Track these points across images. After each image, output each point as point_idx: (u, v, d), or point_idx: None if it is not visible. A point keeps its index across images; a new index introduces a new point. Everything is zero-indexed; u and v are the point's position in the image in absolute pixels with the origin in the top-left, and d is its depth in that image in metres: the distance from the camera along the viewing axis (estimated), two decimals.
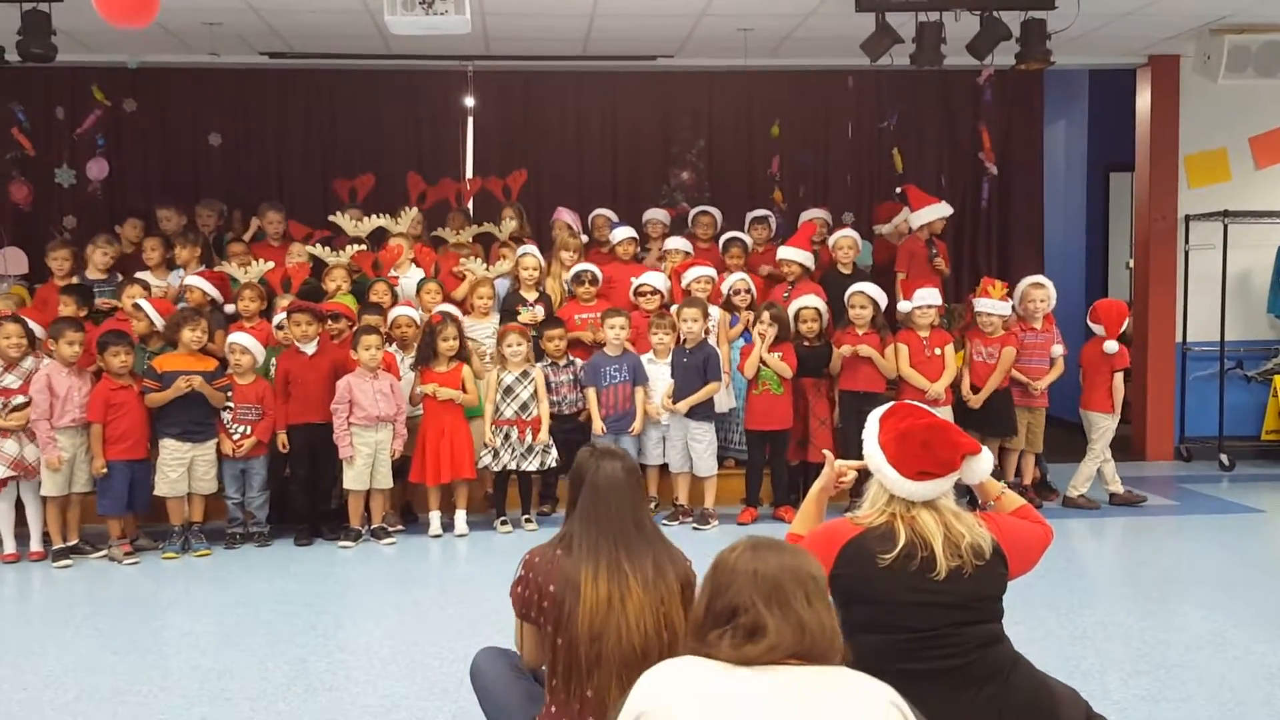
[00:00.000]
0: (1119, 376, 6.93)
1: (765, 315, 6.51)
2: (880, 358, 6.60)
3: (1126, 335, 7.38)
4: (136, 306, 6.33)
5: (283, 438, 6.18)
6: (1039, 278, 7.16)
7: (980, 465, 2.67)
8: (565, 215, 8.04)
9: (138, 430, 5.90)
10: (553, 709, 2.66)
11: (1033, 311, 6.99)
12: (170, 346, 6.12)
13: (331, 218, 7.48)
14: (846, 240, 7.45)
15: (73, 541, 5.90)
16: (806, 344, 6.67)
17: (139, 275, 6.97)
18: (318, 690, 3.91)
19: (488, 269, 7.22)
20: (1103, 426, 6.97)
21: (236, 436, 6.06)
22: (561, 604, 2.61)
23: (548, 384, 6.57)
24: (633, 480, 2.78)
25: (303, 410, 6.19)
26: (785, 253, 7.19)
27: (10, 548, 5.84)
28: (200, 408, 5.96)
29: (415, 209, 7.75)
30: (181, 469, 5.92)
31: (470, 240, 7.73)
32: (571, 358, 6.73)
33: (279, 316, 6.51)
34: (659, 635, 2.59)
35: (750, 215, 8.08)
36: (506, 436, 6.36)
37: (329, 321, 6.42)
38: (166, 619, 4.88)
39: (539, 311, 6.97)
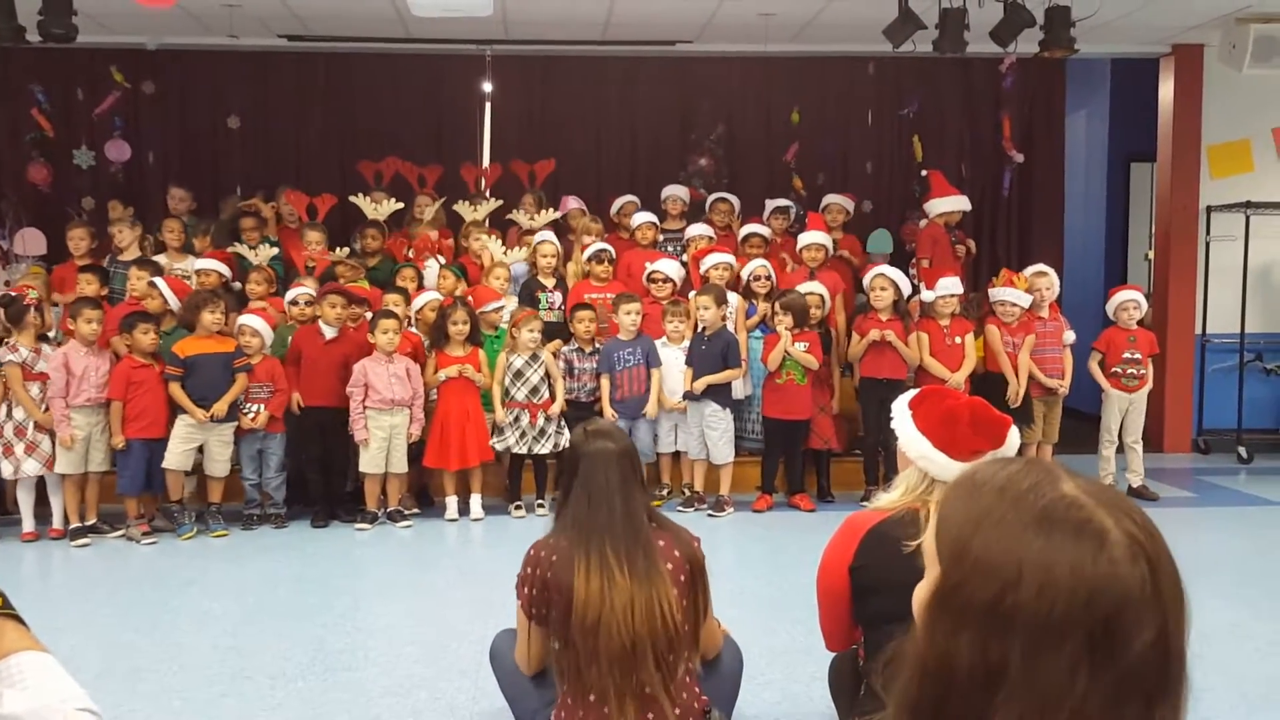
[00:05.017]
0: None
1: (785, 315, 6.43)
2: (904, 346, 6.58)
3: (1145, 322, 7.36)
4: (152, 285, 6.34)
5: (298, 397, 6.19)
6: (1041, 266, 7.15)
7: (1014, 439, 2.66)
8: (574, 202, 8.05)
9: (156, 409, 5.91)
10: (569, 701, 2.64)
11: (1039, 301, 6.97)
12: (185, 329, 6.13)
13: (353, 199, 7.48)
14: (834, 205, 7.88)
15: (91, 521, 5.93)
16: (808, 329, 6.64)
17: (154, 257, 7.01)
18: (337, 670, 3.93)
19: (506, 253, 7.22)
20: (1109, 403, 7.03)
21: (250, 415, 6.08)
22: (561, 596, 2.58)
23: (571, 369, 6.58)
24: (625, 462, 2.70)
25: (311, 394, 6.22)
26: (808, 237, 7.16)
27: (29, 526, 5.88)
28: (217, 388, 5.96)
29: (440, 199, 7.76)
30: (192, 445, 5.91)
31: (484, 219, 7.69)
32: (598, 345, 6.69)
33: (294, 292, 6.51)
34: (649, 628, 2.53)
35: (770, 205, 8.04)
36: (516, 419, 6.37)
37: (352, 305, 6.42)
38: (185, 598, 4.90)
39: (556, 300, 6.97)
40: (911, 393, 2.79)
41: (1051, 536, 0.93)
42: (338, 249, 7.25)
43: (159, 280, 6.38)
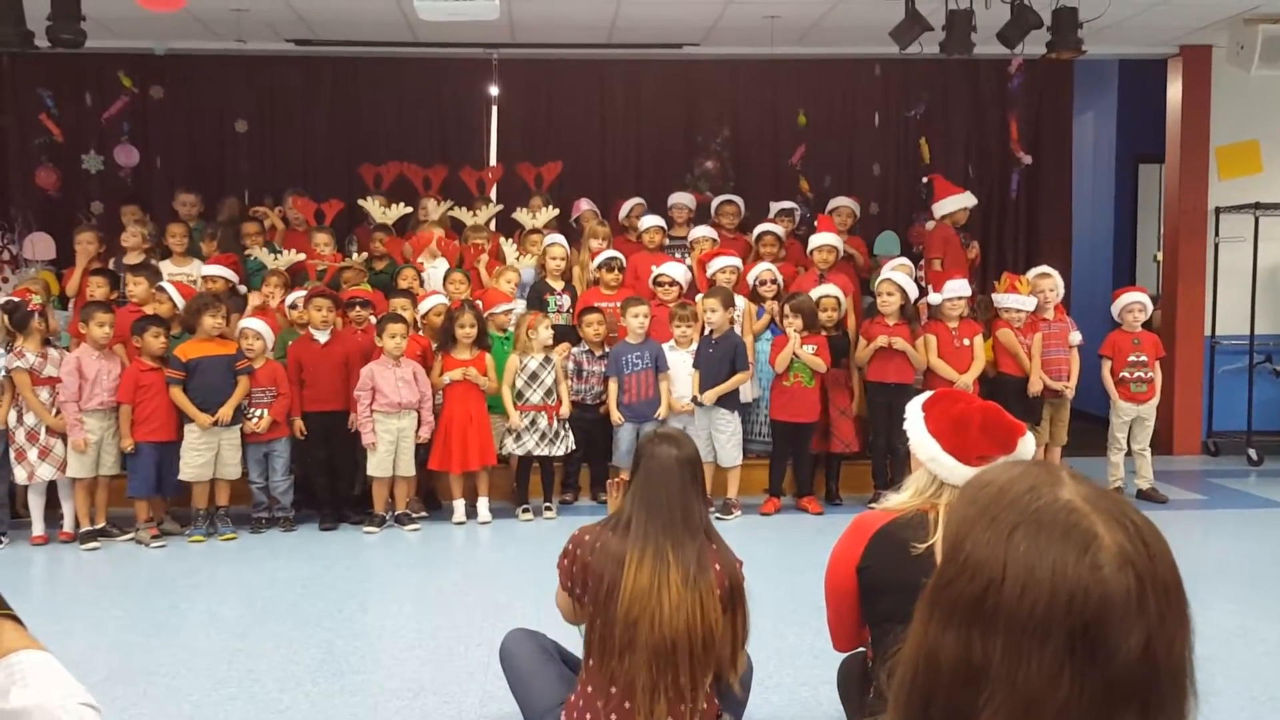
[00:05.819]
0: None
1: (795, 317, 6.43)
2: (913, 350, 6.56)
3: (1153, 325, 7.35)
4: (160, 289, 6.36)
5: (299, 424, 6.21)
6: (1045, 268, 7.15)
7: (1028, 445, 2.65)
8: (586, 204, 8.06)
9: (164, 412, 5.93)
10: (589, 689, 2.66)
11: (1044, 303, 6.95)
12: (188, 332, 6.14)
13: (361, 202, 7.49)
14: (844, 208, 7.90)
15: (100, 524, 5.94)
16: (824, 333, 6.63)
17: (160, 262, 7.04)
18: (345, 673, 3.93)
19: (519, 259, 7.23)
20: (1118, 414, 6.98)
21: (254, 420, 6.09)
22: (603, 583, 2.61)
23: (580, 371, 6.59)
24: (687, 469, 2.76)
25: (317, 398, 6.23)
26: (819, 239, 7.15)
27: (39, 530, 5.90)
28: (220, 391, 5.96)
29: (446, 201, 7.78)
30: (209, 453, 5.95)
31: (487, 223, 7.70)
32: (607, 348, 6.68)
33: (294, 295, 6.53)
34: (691, 631, 2.58)
35: (775, 207, 8.03)
36: (534, 422, 6.36)
37: (357, 308, 6.44)
38: (194, 601, 4.91)
39: (565, 302, 6.98)
40: (926, 394, 2.80)
41: (1038, 538, 0.94)
42: (353, 255, 7.26)
43: (167, 285, 6.41)
